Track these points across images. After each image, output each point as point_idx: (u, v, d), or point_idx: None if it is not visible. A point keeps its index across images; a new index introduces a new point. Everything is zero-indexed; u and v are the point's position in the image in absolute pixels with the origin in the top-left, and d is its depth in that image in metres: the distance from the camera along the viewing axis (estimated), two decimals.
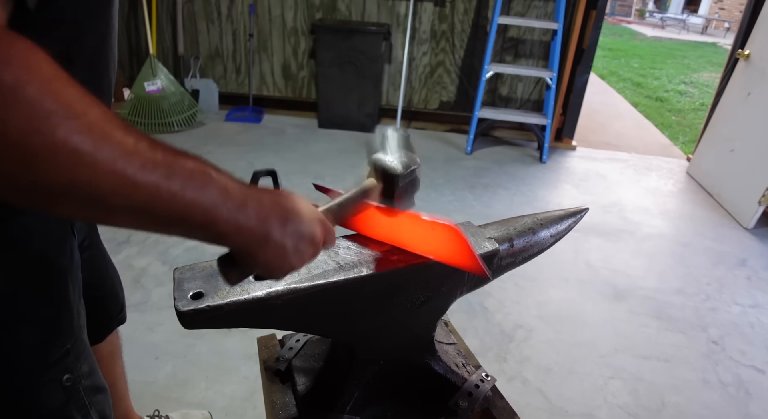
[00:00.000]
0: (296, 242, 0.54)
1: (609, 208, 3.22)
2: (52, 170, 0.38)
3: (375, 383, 0.83)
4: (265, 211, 0.51)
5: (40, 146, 0.36)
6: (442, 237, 0.70)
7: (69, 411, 0.76)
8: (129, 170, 0.40)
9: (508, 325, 2.09)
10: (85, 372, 0.79)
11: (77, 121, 0.38)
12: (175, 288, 0.64)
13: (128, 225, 0.45)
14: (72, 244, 0.77)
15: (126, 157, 0.40)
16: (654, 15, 18.41)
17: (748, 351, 2.08)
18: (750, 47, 3.37)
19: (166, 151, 0.44)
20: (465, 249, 0.68)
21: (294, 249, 0.54)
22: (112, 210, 0.42)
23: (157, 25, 4.14)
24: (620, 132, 5.01)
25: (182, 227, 0.46)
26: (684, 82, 8.14)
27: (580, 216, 0.98)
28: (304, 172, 3.31)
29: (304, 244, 0.55)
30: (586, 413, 1.72)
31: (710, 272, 2.62)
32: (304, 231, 0.55)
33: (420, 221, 0.71)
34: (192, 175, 0.45)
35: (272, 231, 0.51)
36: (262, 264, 0.54)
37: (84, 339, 0.81)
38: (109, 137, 0.40)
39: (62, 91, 0.38)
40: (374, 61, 3.89)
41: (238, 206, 0.48)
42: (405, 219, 0.72)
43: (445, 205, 3.03)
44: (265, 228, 0.51)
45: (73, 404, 0.77)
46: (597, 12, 3.75)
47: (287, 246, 0.53)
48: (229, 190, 0.48)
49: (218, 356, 1.81)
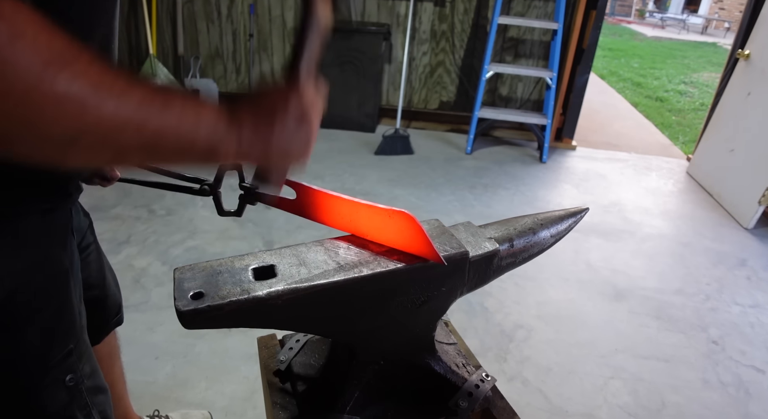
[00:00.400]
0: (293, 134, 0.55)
1: (609, 208, 3.22)
2: (61, 119, 0.38)
3: (375, 383, 0.83)
4: (257, 120, 0.52)
5: (44, 96, 0.36)
6: (399, 224, 0.72)
7: (72, 411, 0.76)
8: (131, 108, 0.41)
9: (508, 325, 2.09)
10: (87, 372, 0.79)
11: (74, 66, 0.38)
12: (175, 288, 0.64)
13: (139, 162, 0.47)
14: (72, 244, 0.77)
15: (125, 95, 0.41)
16: (654, 15, 18.41)
17: (748, 351, 2.08)
18: (750, 47, 3.37)
19: (156, 86, 0.45)
20: (420, 237, 0.70)
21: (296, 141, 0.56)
22: (122, 151, 0.43)
23: (157, 25, 4.14)
24: (620, 132, 5.01)
25: (189, 155, 0.48)
26: (684, 82, 8.14)
27: (580, 216, 0.98)
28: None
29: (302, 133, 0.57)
30: (586, 413, 1.72)
31: (710, 272, 2.62)
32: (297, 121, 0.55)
33: (377, 210, 0.73)
34: (185, 103, 0.46)
35: (271, 137, 0.53)
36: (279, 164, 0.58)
37: (85, 339, 0.81)
38: (106, 78, 0.40)
39: (53, 40, 0.38)
40: (374, 61, 3.89)
41: (232, 123, 0.50)
42: (363, 208, 0.74)
43: (445, 205, 3.03)
44: (263, 137, 0.52)
45: (76, 404, 0.77)
46: (597, 12, 3.75)
47: (292, 143, 0.55)
48: (221, 109, 0.49)
49: (218, 356, 1.81)
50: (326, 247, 0.76)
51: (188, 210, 2.76)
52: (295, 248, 0.75)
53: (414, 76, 4.27)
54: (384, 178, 3.33)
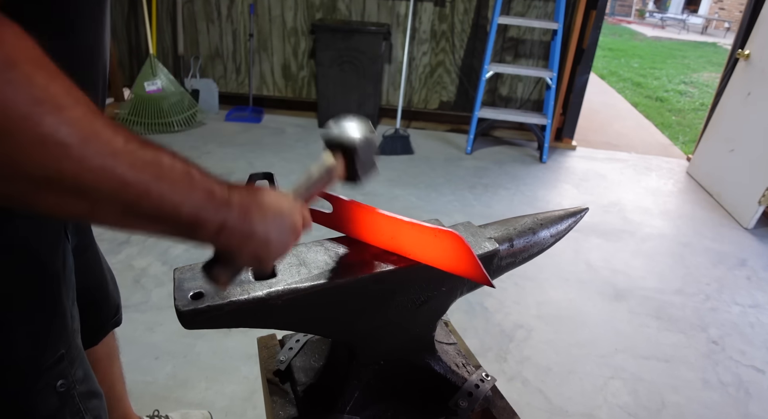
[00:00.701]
0: (279, 233, 0.56)
1: (609, 208, 3.22)
2: (39, 159, 0.37)
3: (375, 383, 0.83)
4: (247, 208, 0.52)
5: (27, 132, 0.36)
6: (446, 245, 0.69)
7: (63, 416, 0.76)
8: (118, 168, 0.40)
9: (508, 325, 2.09)
10: (80, 377, 0.78)
11: (65, 112, 0.37)
12: (175, 288, 0.64)
13: (112, 221, 0.44)
14: (65, 248, 0.77)
15: (115, 154, 0.40)
16: (654, 15, 18.40)
17: (748, 351, 2.08)
18: (750, 47, 3.37)
19: (155, 151, 0.44)
20: (469, 258, 0.68)
21: (278, 240, 0.56)
22: (96, 206, 0.42)
23: (157, 25, 4.14)
24: (620, 132, 5.01)
25: (168, 226, 0.47)
26: (684, 82, 8.14)
27: (580, 216, 0.98)
28: (304, 171, 3.31)
29: (287, 234, 0.57)
30: (586, 413, 1.72)
31: (710, 272, 2.62)
32: (285, 221, 0.57)
33: (422, 228, 0.70)
34: (180, 177, 0.46)
35: (256, 226, 0.53)
36: (250, 258, 0.55)
37: (78, 344, 0.80)
38: (98, 133, 0.40)
39: (51, 81, 0.37)
40: (374, 61, 3.89)
41: (222, 205, 0.49)
42: (406, 225, 0.71)
43: (445, 205, 3.03)
44: (249, 224, 0.52)
45: (68, 410, 0.76)
46: (597, 12, 3.75)
47: (271, 238, 0.55)
48: (214, 190, 0.49)
49: (218, 356, 1.81)
50: (326, 247, 0.76)
51: None
52: (294, 248, 0.75)
53: (414, 76, 4.27)
54: (384, 178, 3.33)
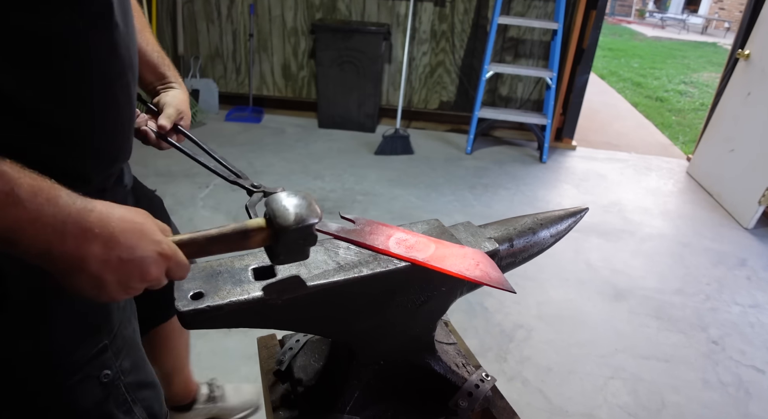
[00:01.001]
0: (120, 275, 0.50)
1: (609, 208, 3.23)
2: None
3: (375, 383, 0.83)
4: (87, 235, 0.48)
5: None
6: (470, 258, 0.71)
7: (108, 407, 0.75)
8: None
9: (508, 325, 2.09)
10: (127, 368, 0.78)
11: None
12: (175, 288, 0.64)
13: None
14: None
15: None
16: (654, 15, 18.40)
17: (748, 351, 2.08)
18: (750, 47, 3.37)
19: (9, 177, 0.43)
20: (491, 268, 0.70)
21: (116, 282, 0.51)
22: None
23: (157, 25, 4.14)
24: (620, 132, 5.01)
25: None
26: (684, 82, 8.14)
27: (580, 216, 0.98)
28: (304, 172, 3.32)
29: (131, 278, 0.51)
30: (586, 413, 1.72)
31: (710, 272, 2.62)
32: (133, 264, 0.51)
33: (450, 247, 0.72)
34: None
35: (89, 259, 0.48)
36: (76, 290, 0.50)
37: (127, 334, 0.79)
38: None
39: None
40: (374, 61, 3.89)
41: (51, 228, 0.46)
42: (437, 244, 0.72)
43: (445, 205, 3.03)
44: (80, 253, 0.48)
45: (113, 400, 0.75)
46: (597, 12, 3.75)
47: (105, 278, 0.50)
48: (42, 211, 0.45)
49: (218, 356, 1.81)
50: (326, 247, 0.76)
51: (188, 210, 2.76)
52: None
53: (414, 76, 4.27)
54: (384, 178, 3.33)
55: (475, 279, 0.68)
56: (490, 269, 0.69)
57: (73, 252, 0.47)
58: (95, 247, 0.48)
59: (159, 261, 0.53)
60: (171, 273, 0.55)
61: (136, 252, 0.50)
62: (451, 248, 0.72)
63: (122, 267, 0.50)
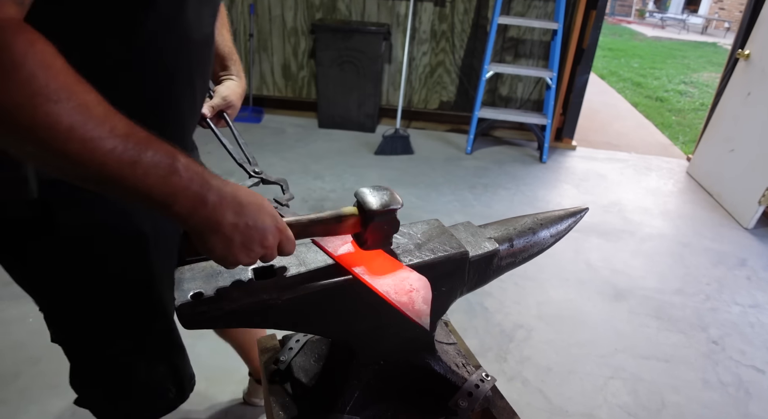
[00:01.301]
0: (245, 238, 0.58)
1: (609, 208, 3.22)
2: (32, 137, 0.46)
3: (375, 383, 0.83)
4: (223, 203, 0.56)
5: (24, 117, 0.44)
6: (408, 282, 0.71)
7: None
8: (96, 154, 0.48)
9: (508, 325, 2.09)
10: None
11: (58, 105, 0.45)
12: (176, 288, 0.64)
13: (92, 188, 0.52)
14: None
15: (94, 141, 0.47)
16: (654, 15, 18.39)
17: (748, 351, 2.08)
18: (750, 47, 3.37)
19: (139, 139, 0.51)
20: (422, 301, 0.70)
21: (241, 244, 0.58)
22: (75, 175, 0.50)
23: None
24: (620, 132, 5.01)
25: (144, 202, 0.53)
26: (684, 82, 8.14)
27: (580, 216, 0.98)
28: (304, 171, 3.32)
29: (253, 242, 0.59)
30: (586, 413, 1.72)
31: (710, 272, 2.62)
32: (256, 230, 0.59)
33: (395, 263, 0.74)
34: (158, 164, 0.51)
35: (223, 221, 0.56)
36: (209, 249, 0.58)
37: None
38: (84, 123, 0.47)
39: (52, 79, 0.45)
40: (374, 61, 3.89)
41: (198, 196, 0.54)
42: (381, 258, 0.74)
43: (445, 205, 3.03)
44: (217, 217, 0.56)
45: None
46: (597, 12, 3.75)
47: (235, 239, 0.58)
48: (193, 180, 0.54)
49: (218, 356, 1.81)
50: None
51: None
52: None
53: (414, 76, 4.27)
54: (384, 178, 3.33)
55: (396, 304, 0.68)
56: (419, 300, 0.69)
57: (211, 216, 0.56)
58: (228, 214, 0.56)
59: (275, 233, 0.61)
60: (282, 245, 0.63)
61: (259, 221, 0.59)
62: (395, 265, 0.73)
63: (248, 232, 0.58)
